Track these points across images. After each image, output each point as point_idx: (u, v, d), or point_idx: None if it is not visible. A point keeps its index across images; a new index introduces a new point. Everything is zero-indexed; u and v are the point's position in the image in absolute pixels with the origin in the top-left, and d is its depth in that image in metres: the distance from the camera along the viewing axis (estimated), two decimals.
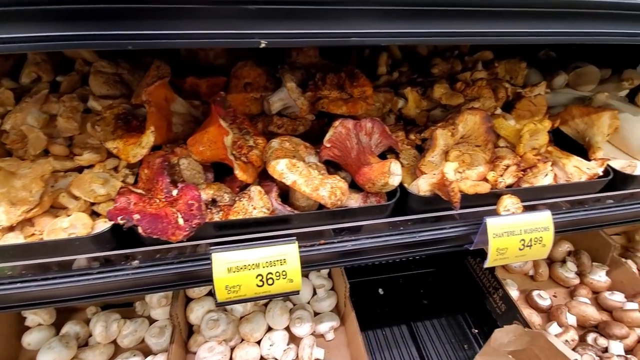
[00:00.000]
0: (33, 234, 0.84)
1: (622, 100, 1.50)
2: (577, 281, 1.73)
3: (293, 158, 0.84)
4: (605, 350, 1.46)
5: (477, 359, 0.95)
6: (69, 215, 0.85)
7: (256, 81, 1.11)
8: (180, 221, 0.80)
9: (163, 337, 1.34)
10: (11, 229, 0.83)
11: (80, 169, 0.99)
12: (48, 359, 1.23)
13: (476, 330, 1.62)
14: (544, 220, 0.99)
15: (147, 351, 1.35)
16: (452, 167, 0.88)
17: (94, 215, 0.92)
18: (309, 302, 1.56)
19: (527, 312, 1.56)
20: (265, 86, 1.12)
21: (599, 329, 1.52)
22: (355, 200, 0.99)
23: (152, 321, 1.44)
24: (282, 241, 0.86)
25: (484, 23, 0.75)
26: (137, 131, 0.91)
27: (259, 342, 1.39)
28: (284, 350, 1.34)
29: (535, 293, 1.64)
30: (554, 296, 1.73)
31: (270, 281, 0.85)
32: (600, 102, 1.35)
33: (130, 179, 0.97)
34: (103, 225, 0.86)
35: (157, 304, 1.38)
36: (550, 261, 1.84)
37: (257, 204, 0.86)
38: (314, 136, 1.13)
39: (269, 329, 1.42)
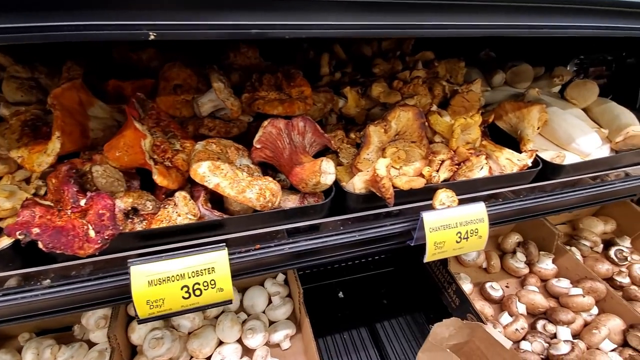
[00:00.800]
0: None
1: (554, 96, 1.59)
2: (526, 271, 1.79)
3: (217, 160, 0.80)
4: (554, 336, 1.51)
5: (420, 355, 0.94)
6: None
7: (187, 83, 1.06)
8: (92, 233, 0.73)
9: None
10: None
11: None
12: None
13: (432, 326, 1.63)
14: (478, 212, 1.01)
15: None
16: (383, 163, 0.87)
17: None
18: (264, 312, 1.51)
19: (480, 304, 1.59)
20: (197, 88, 1.08)
21: (547, 315, 1.58)
22: (292, 202, 0.96)
23: (91, 345, 1.33)
24: (209, 248, 0.81)
25: (423, 15, 0.72)
26: (47, 138, 0.84)
27: (209, 358, 1.31)
28: None
29: (487, 285, 1.68)
30: (507, 287, 1.78)
31: (197, 292, 0.80)
32: (531, 97, 1.42)
33: (44, 191, 0.89)
34: (6, 242, 0.77)
35: (95, 326, 1.28)
36: (502, 253, 1.90)
37: (181, 210, 0.81)
38: (252, 139, 1.10)
39: (220, 343, 1.35)
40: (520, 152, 1.17)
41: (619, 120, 1.33)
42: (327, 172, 0.87)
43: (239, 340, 1.36)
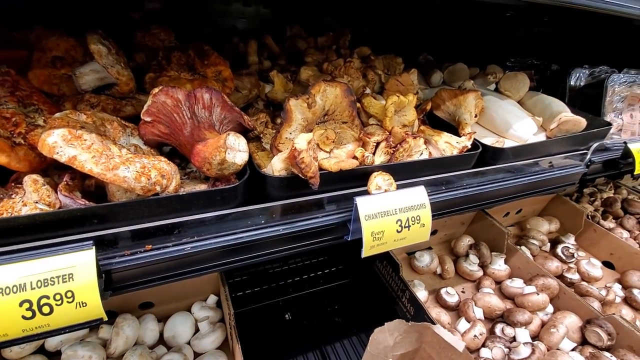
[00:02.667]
0: None
1: (489, 90, 1.61)
2: (480, 273, 1.71)
3: (80, 129, 0.61)
4: (514, 339, 1.41)
5: None
6: None
7: (70, 55, 0.87)
8: None
9: None
10: None
11: None
12: None
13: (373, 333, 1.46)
14: (419, 196, 0.89)
15: None
16: (305, 138, 0.73)
17: None
18: (189, 342, 1.25)
19: (436, 312, 1.46)
20: (84, 61, 0.89)
21: (505, 318, 1.48)
22: None
23: None
24: (66, 249, 0.60)
25: None
26: None
27: None
28: None
29: (443, 291, 1.56)
30: (462, 292, 1.68)
31: (46, 309, 0.58)
32: (467, 87, 1.40)
33: None
34: None
35: None
36: (456, 257, 1.82)
37: (29, 198, 0.60)
38: None
39: None
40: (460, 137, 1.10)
41: (551, 109, 1.34)
42: (235, 148, 0.71)
43: None
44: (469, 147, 1.03)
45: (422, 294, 1.53)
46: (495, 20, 1.99)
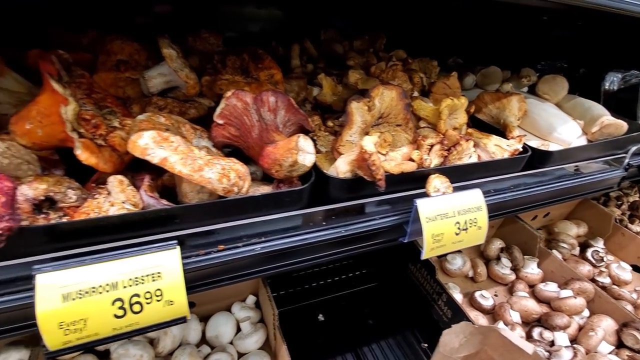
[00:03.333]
0: None
1: (529, 95, 1.61)
2: (513, 277, 1.70)
3: (166, 131, 0.63)
4: (552, 343, 1.40)
5: None
6: None
7: (133, 59, 0.89)
8: None
9: None
10: None
11: None
12: None
13: (425, 345, 1.46)
14: (476, 199, 0.90)
15: None
16: (371, 140, 0.74)
17: None
18: (231, 342, 1.26)
19: (473, 315, 1.46)
20: (146, 65, 0.91)
21: (542, 321, 1.47)
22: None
23: None
24: (154, 248, 0.61)
25: None
26: None
27: None
28: None
29: (477, 294, 1.56)
30: (495, 295, 1.67)
31: (136, 307, 0.59)
32: (506, 91, 1.40)
33: None
34: None
35: None
36: (486, 260, 1.81)
37: (116, 198, 0.61)
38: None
39: None
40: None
41: (592, 112, 1.33)
42: (305, 150, 0.72)
43: None
44: (520, 150, 1.03)
45: (457, 297, 1.53)
46: (525, 23, 1.98)
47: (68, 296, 0.55)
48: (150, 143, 0.59)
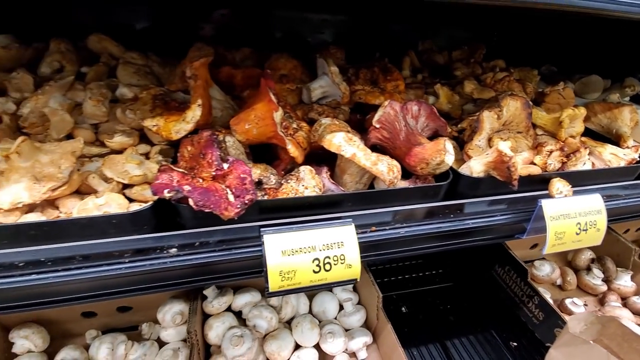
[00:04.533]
0: (57, 217, 0.73)
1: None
2: (604, 288, 1.68)
3: (348, 132, 0.80)
4: None
5: (552, 353, 0.86)
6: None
7: (292, 73, 1.10)
8: (231, 197, 0.72)
9: None
10: (30, 209, 0.72)
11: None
12: None
13: (514, 344, 1.51)
14: (596, 203, 0.96)
15: None
16: (507, 145, 0.86)
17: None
18: (335, 318, 1.43)
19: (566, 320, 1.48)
20: (300, 79, 1.11)
21: None
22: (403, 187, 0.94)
23: (161, 344, 1.27)
24: (337, 223, 0.78)
25: None
26: (177, 110, 0.86)
27: None
28: None
29: (568, 301, 1.57)
30: (585, 305, 1.66)
31: (327, 266, 0.77)
32: (614, 101, 1.41)
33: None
34: (138, 207, 0.76)
35: (171, 322, 1.22)
36: (575, 270, 1.80)
37: (308, 183, 0.80)
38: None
39: (297, 346, 1.27)
40: None
41: None
42: (450, 151, 0.86)
43: (316, 346, 1.28)
44: (637, 159, 1.07)
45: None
46: (621, 31, 1.93)
47: (285, 252, 0.74)
48: (342, 142, 0.77)
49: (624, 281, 1.68)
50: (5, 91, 0.97)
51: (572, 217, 0.94)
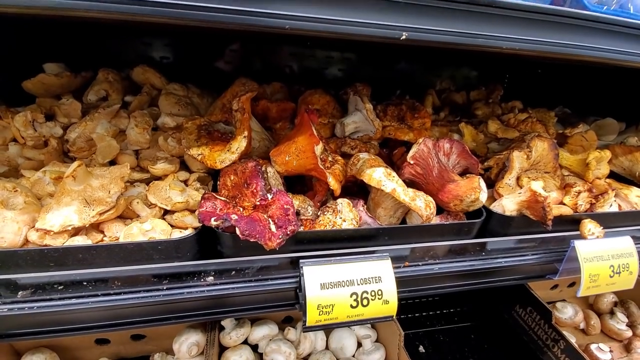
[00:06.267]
0: (101, 241, 0.74)
1: None
2: (629, 333, 1.62)
3: (386, 167, 0.83)
4: None
5: None
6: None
7: (324, 108, 1.14)
8: (273, 228, 0.73)
9: None
10: (76, 232, 0.73)
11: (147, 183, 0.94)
12: None
13: None
14: (627, 245, 0.96)
15: None
16: (539, 184, 0.88)
17: None
18: (354, 356, 1.38)
19: None
20: (332, 114, 1.16)
21: None
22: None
23: None
24: (374, 257, 0.79)
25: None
26: (220, 140, 0.89)
27: None
28: None
29: (594, 346, 1.51)
30: (610, 351, 1.59)
31: (365, 301, 0.76)
32: (633, 145, 1.44)
33: (200, 193, 0.91)
34: (179, 234, 0.78)
35: (187, 353, 1.19)
36: (598, 313, 1.74)
37: (346, 215, 0.81)
38: None
39: None
40: None
41: None
42: (484, 189, 0.88)
43: None
44: None
45: None
46: (631, 76, 2.01)
47: (324, 285, 0.74)
48: (383, 177, 0.79)
49: None
50: (54, 116, 1.02)
51: (606, 259, 0.93)
